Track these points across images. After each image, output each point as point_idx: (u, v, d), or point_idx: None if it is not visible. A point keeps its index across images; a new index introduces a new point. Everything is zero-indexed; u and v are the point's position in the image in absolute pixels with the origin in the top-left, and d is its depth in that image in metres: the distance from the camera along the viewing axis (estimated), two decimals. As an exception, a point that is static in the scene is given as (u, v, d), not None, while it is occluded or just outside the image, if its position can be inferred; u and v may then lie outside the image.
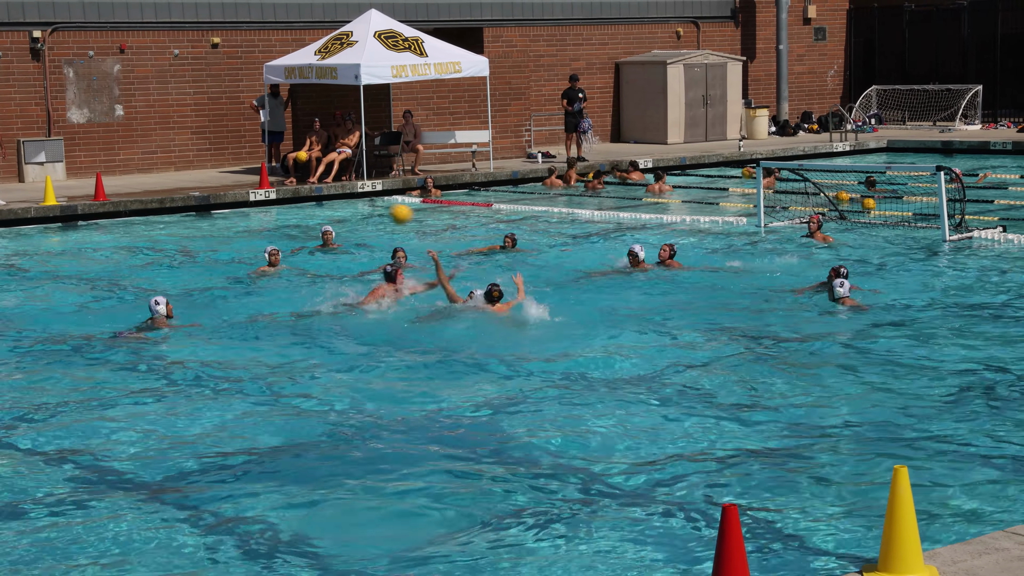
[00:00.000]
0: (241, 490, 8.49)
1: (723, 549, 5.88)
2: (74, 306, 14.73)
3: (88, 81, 25.46)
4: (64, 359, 12.22)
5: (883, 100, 33.89)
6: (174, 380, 11.33)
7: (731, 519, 5.87)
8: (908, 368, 11.10)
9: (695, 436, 9.41)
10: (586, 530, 7.67)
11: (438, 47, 25.24)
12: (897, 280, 15.06)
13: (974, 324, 12.72)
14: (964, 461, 8.70)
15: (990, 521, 7.59)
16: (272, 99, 25.71)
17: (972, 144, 29.20)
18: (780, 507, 7.96)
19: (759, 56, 33.71)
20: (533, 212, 21.69)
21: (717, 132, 31.38)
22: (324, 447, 9.41)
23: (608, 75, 31.56)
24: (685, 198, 23.28)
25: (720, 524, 5.89)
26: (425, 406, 10.33)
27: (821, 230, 17.52)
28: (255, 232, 20.52)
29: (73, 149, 25.46)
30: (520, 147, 29.26)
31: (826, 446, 9.09)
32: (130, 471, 8.97)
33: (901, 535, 6.12)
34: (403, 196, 24.02)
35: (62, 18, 25.16)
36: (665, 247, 15.76)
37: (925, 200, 19.86)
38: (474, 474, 8.71)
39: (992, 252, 16.62)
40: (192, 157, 26.67)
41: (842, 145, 29.78)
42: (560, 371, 11.30)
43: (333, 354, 12.16)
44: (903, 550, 6.11)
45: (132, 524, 7.96)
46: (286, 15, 27.34)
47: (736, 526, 5.86)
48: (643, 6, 31.88)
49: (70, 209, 21.65)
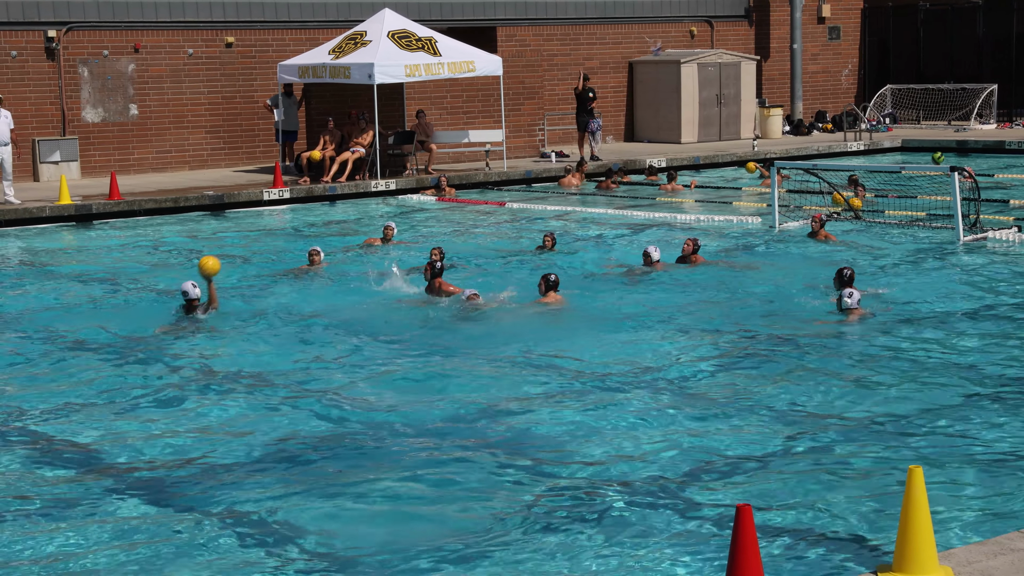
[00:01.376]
0: (243, 488, 8.50)
1: (737, 549, 5.87)
2: (88, 304, 14.77)
3: (103, 80, 25.54)
4: (78, 357, 12.25)
5: (897, 99, 33.80)
6: (190, 378, 11.35)
7: (745, 519, 5.86)
8: (922, 367, 11.07)
9: (709, 436, 9.39)
10: (599, 530, 7.67)
11: (451, 46, 25.25)
12: (911, 280, 15.02)
13: (989, 324, 12.68)
14: (979, 461, 8.67)
15: (1006, 521, 7.56)
16: (286, 98, 25.77)
17: (987, 143, 29.10)
18: (794, 507, 7.94)
19: (773, 55, 33.64)
20: (551, 211, 21.64)
21: (731, 131, 31.33)
22: (344, 445, 9.43)
23: (622, 74, 31.54)
24: (699, 197, 23.25)
25: (734, 524, 5.88)
26: (436, 403, 10.34)
27: (825, 228, 17.56)
28: (276, 232, 20.56)
29: (88, 148, 25.54)
30: (533, 146, 29.25)
31: (840, 446, 9.07)
32: (133, 471, 8.99)
33: (916, 535, 6.10)
34: (417, 195, 24.05)
35: (77, 18, 25.24)
36: (688, 242, 15.78)
37: (938, 199, 19.80)
38: (485, 473, 8.71)
39: (1008, 252, 16.55)
40: (206, 156, 26.73)
41: (856, 144, 29.71)
42: (572, 370, 11.30)
43: (359, 351, 12.18)
44: (918, 550, 6.09)
45: (138, 524, 7.98)
46: (300, 15, 27.39)
47: (750, 526, 5.86)
48: (656, 5, 31.84)
49: (85, 208, 21.72)
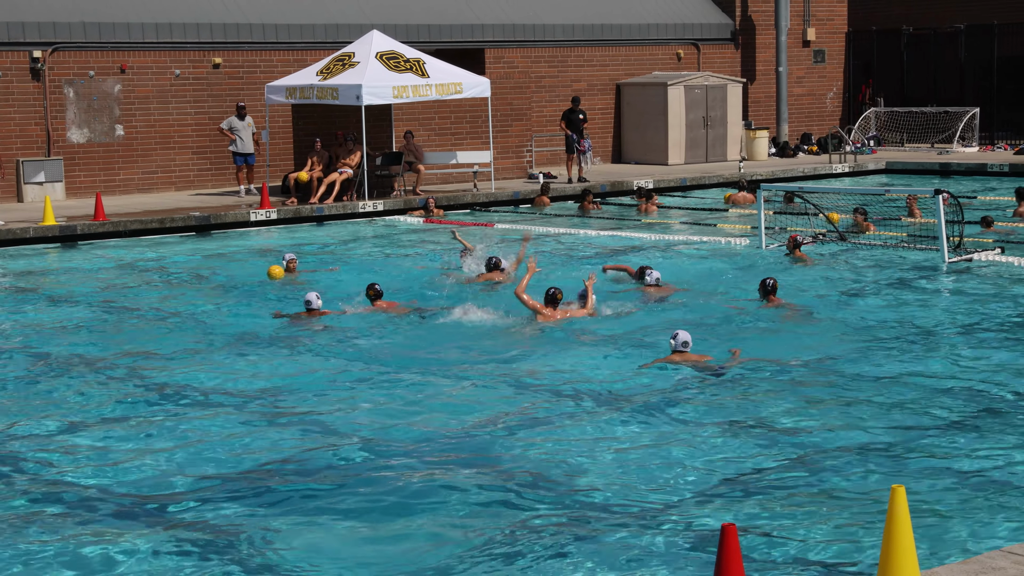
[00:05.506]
0: (230, 509, 8.49)
1: (722, 568, 5.89)
2: (72, 326, 14.74)
3: (88, 101, 25.54)
4: (60, 377, 12.23)
5: (882, 122, 33.99)
6: (178, 401, 11.34)
7: (730, 538, 5.88)
8: (906, 388, 11.12)
9: (693, 456, 9.42)
10: (582, 551, 7.67)
11: (439, 68, 25.33)
12: (893, 301, 15.09)
13: (973, 345, 12.74)
14: (961, 481, 8.71)
15: (987, 541, 7.59)
16: (239, 121, 25.48)
17: (970, 166, 29.28)
18: (779, 527, 7.97)
19: (759, 78, 33.82)
20: (543, 233, 21.70)
21: (717, 153, 31.46)
22: (317, 467, 9.42)
23: (609, 96, 31.67)
24: (685, 219, 23.34)
25: (719, 543, 5.90)
26: (421, 421, 10.35)
27: (801, 249, 17.74)
28: (265, 252, 20.55)
29: (73, 169, 25.52)
30: (521, 168, 29.32)
31: (824, 466, 9.10)
32: (114, 493, 8.97)
33: (898, 555, 6.12)
34: (404, 216, 24.08)
35: (63, 38, 25.26)
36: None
37: (923, 223, 19.90)
38: (468, 492, 8.71)
39: (991, 274, 16.64)
40: (193, 177, 26.72)
41: (841, 167, 29.85)
42: (559, 389, 11.31)
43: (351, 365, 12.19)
44: (900, 570, 6.11)
45: (126, 544, 7.97)
46: (288, 36, 27.45)
47: (735, 545, 5.88)
48: (644, 28, 32.00)
49: (69, 229, 21.68)
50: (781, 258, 17.89)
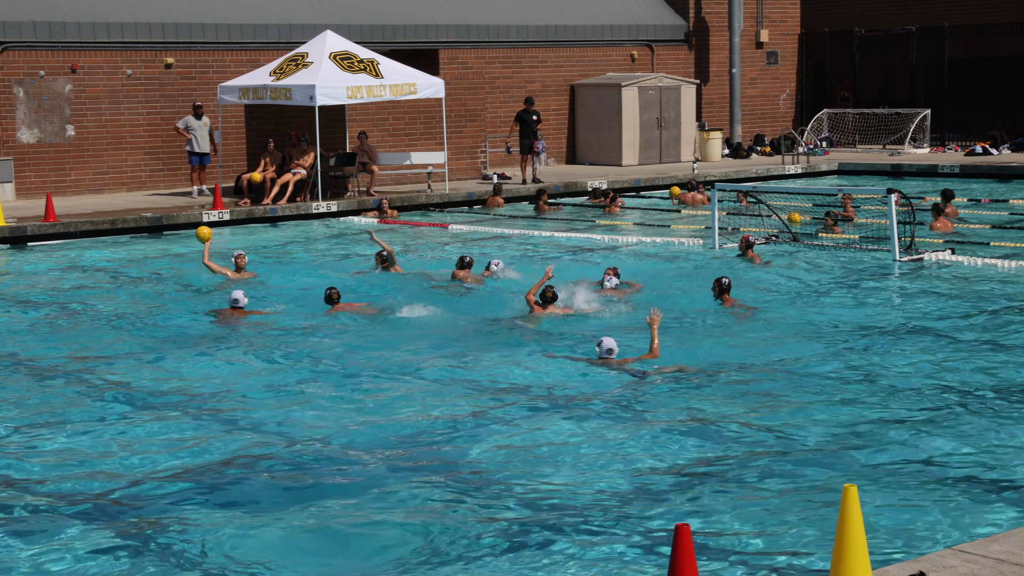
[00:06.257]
0: (192, 514, 8.42)
1: (676, 568, 5.89)
2: (22, 329, 14.56)
3: (39, 101, 25.26)
4: (8, 380, 12.08)
5: (834, 123, 34.25)
6: (127, 401, 11.23)
7: (683, 538, 5.89)
8: (858, 387, 11.19)
9: (646, 455, 9.43)
10: (539, 551, 7.67)
11: (393, 68, 25.26)
12: (846, 301, 15.20)
13: (923, 344, 12.85)
14: (912, 480, 8.78)
15: (938, 539, 7.66)
16: (195, 120, 25.32)
17: (921, 167, 29.56)
18: (732, 526, 7.99)
19: (712, 79, 33.98)
20: (497, 234, 21.67)
21: (671, 154, 31.58)
22: (280, 470, 9.36)
23: (563, 97, 31.70)
24: (639, 220, 23.40)
25: (673, 543, 5.91)
26: (374, 420, 10.31)
27: (753, 249, 17.85)
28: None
29: (23, 169, 25.22)
30: (476, 168, 29.29)
31: (777, 465, 9.14)
32: (71, 496, 8.87)
33: (850, 554, 6.15)
34: (358, 217, 24.00)
35: (12, 38, 24.96)
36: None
37: (874, 223, 20.07)
38: (424, 496, 8.68)
39: (942, 273, 16.81)
40: (145, 178, 26.49)
41: (794, 168, 30.05)
42: (508, 390, 11.30)
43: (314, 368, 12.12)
44: (852, 568, 6.15)
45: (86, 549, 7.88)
46: (241, 36, 27.27)
47: (688, 545, 5.88)
48: (598, 29, 32.06)
49: (19, 230, 21.43)
50: (734, 259, 17.99)
